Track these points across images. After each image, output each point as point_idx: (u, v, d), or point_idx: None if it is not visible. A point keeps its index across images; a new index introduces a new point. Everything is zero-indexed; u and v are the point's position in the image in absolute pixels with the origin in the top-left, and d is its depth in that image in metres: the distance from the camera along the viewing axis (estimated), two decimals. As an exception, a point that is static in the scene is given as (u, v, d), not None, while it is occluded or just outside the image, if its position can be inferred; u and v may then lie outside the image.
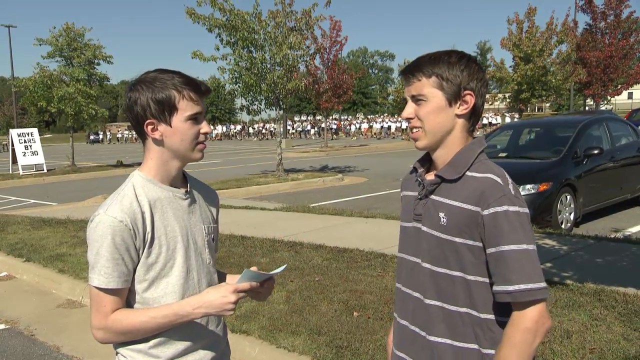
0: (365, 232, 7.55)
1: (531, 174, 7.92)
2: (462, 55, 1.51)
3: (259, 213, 9.56)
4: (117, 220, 1.51)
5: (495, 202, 1.40)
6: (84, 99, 20.03)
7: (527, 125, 10.37)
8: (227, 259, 6.25)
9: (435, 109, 1.50)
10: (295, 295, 4.91)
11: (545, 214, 7.65)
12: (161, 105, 1.56)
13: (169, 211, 1.62)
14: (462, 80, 1.48)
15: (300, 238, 7.16)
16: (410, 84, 1.53)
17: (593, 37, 26.39)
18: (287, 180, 14.70)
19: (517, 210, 1.40)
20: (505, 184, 1.44)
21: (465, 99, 1.49)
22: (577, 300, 4.47)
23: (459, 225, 1.45)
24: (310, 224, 8.29)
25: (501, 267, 1.40)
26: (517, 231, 1.39)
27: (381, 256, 6.06)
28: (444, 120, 1.50)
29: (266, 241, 7.05)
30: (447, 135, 1.52)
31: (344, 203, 11.20)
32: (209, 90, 1.64)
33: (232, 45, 13.96)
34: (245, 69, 14.04)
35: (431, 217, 1.52)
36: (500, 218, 1.39)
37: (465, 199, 1.45)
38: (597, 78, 26.54)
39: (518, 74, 23.58)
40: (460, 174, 1.48)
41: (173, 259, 1.61)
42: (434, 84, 1.49)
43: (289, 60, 14.19)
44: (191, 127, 1.59)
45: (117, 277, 1.51)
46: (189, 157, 1.63)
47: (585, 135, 8.71)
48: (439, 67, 1.49)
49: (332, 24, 25.62)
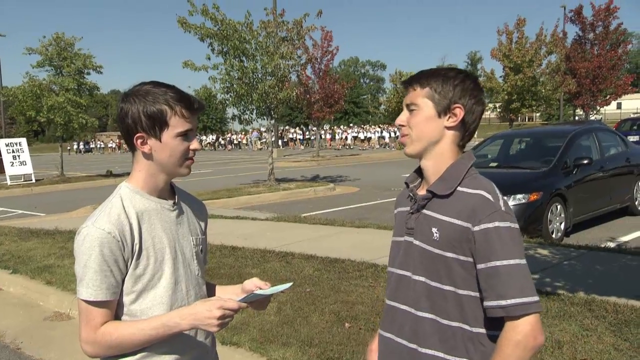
0: (357, 242, 7.54)
1: (521, 183, 7.97)
2: (460, 72, 1.57)
3: (250, 223, 9.54)
4: (105, 232, 1.50)
5: (486, 219, 1.42)
6: (73, 108, 19.93)
7: (517, 135, 10.46)
8: (217, 270, 6.21)
9: (424, 118, 1.55)
10: (286, 306, 4.89)
11: (535, 224, 7.69)
12: (152, 119, 1.56)
13: (157, 223, 1.62)
14: (453, 95, 1.53)
15: (291, 248, 7.14)
16: (408, 92, 1.60)
17: (582, 47, 26.77)
18: (278, 190, 14.68)
19: (509, 225, 1.43)
20: (496, 200, 1.46)
21: (455, 111, 1.53)
22: (568, 310, 4.49)
23: (451, 240, 1.47)
24: (302, 234, 8.28)
25: (494, 282, 1.41)
26: (509, 246, 1.40)
27: (373, 267, 6.05)
28: (432, 129, 1.55)
29: (257, 252, 7.03)
30: (434, 145, 1.56)
31: (336, 213, 11.20)
32: (202, 106, 1.64)
33: (224, 55, 13.99)
34: (237, 78, 14.05)
35: (423, 231, 1.54)
36: (491, 234, 1.41)
37: (456, 215, 1.47)
38: (586, 88, 26.88)
39: (508, 84, 23.85)
40: (452, 189, 1.51)
41: (161, 271, 1.60)
42: (427, 95, 1.55)
43: (280, 70, 14.23)
44: (181, 144, 1.59)
45: (106, 289, 1.50)
46: (176, 172, 1.63)
47: (575, 145, 8.79)
48: (434, 80, 1.55)
49: (324, 34, 25.72)
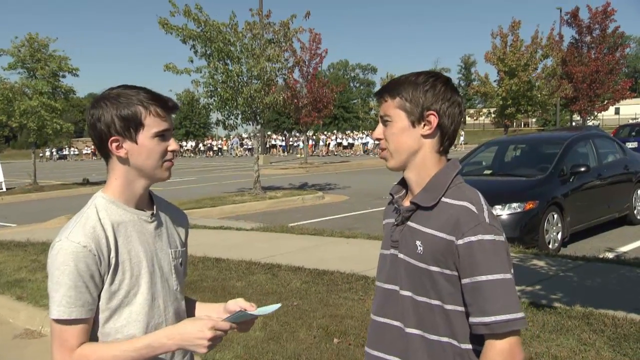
0: (347, 253, 7.55)
1: (517, 192, 8.04)
2: (431, 75, 1.56)
3: (235, 233, 9.52)
4: (81, 245, 1.48)
5: (469, 232, 1.43)
6: (48, 113, 19.76)
7: (512, 142, 10.55)
8: (200, 283, 6.18)
9: (399, 130, 1.56)
10: (272, 321, 4.87)
11: (531, 234, 7.75)
12: (126, 121, 1.55)
13: (134, 235, 1.60)
14: (424, 101, 1.53)
15: (278, 260, 7.14)
16: (380, 104, 1.60)
17: (579, 51, 27.09)
18: (264, 198, 14.66)
19: (493, 238, 1.43)
20: (480, 211, 1.46)
21: (429, 119, 1.53)
22: (565, 324, 4.52)
23: (435, 254, 1.47)
24: (289, 244, 8.28)
25: (477, 298, 1.41)
26: (492, 260, 1.41)
27: (363, 279, 6.06)
28: (408, 140, 1.55)
29: (242, 263, 7.03)
30: (413, 156, 1.56)
31: (325, 222, 11.20)
32: (177, 106, 1.65)
33: (207, 58, 13.98)
34: (221, 82, 14.03)
35: (407, 244, 1.55)
36: (474, 247, 1.41)
37: (440, 228, 1.47)
38: (583, 93, 27.18)
39: (503, 88, 24.02)
40: (436, 201, 1.51)
41: (137, 286, 1.59)
42: (398, 105, 1.55)
43: (266, 73, 14.24)
44: (158, 145, 1.59)
45: (81, 306, 1.47)
46: (156, 175, 1.62)
47: (571, 152, 8.89)
48: (404, 88, 1.55)
49: (312, 36, 25.81)
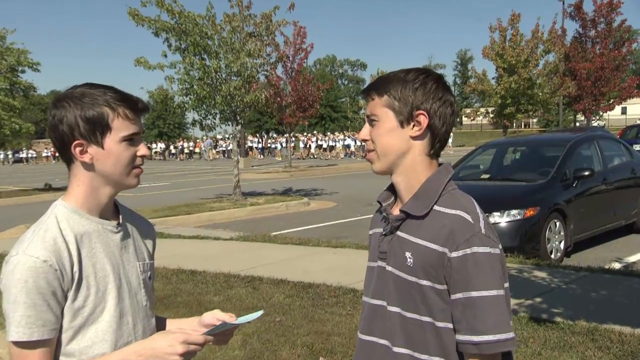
0: (334, 264, 7.58)
1: (516, 198, 8.11)
2: (421, 73, 1.57)
3: (212, 243, 9.52)
4: (40, 260, 1.46)
5: (464, 244, 1.43)
6: (5, 111, 19.58)
7: (511, 144, 10.65)
8: (173, 298, 6.15)
9: (386, 130, 1.56)
10: (253, 339, 4.86)
11: (532, 243, 7.82)
12: (92, 124, 1.54)
13: (99, 247, 1.59)
14: (414, 100, 1.54)
15: (259, 272, 7.14)
16: (367, 103, 1.61)
17: (583, 46, 27.38)
18: (245, 205, 14.66)
19: (488, 251, 1.44)
20: (475, 221, 1.47)
21: (418, 119, 1.54)
22: (568, 340, 4.56)
23: (426, 266, 1.48)
24: (271, 255, 8.29)
25: (467, 315, 1.42)
26: (487, 275, 1.42)
27: (351, 292, 6.07)
28: (396, 141, 1.55)
29: (220, 276, 7.02)
30: (401, 158, 1.56)
31: (310, 231, 11.20)
32: (147, 108, 1.64)
33: (182, 52, 13.94)
34: (197, 78, 14.00)
35: (396, 255, 1.55)
36: (468, 261, 1.42)
37: (432, 238, 1.48)
38: (587, 91, 27.46)
39: (501, 86, 24.23)
40: (428, 209, 1.52)
41: (104, 302, 1.57)
42: (386, 104, 1.56)
43: (247, 70, 14.23)
44: (127, 150, 1.58)
45: (42, 326, 1.45)
46: (124, 183, 1.61)
47: (575, 155, 8.99)
48: (392, 86, 1.55)
49: (296, 30, 25.88)
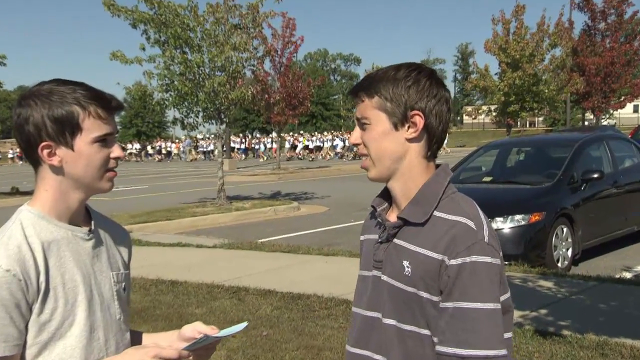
0: (325, 273, 7.59)
1: (521, 202, 8.15)
2: (413, 69, 1.55)
3: (195, 251, 9.51)
4: (3, 269, 1.45)
5: (465, 251, 1.43)
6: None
7: (515, 144, 10.70)
8: (152, 310, 6.14)
9: (379, 134, 1.54)
10: (238, 355, 4.85)
11: (537, 250, 7.85)
12: (60, 124, 1.53)
13: (68, 255, 1.58)
14: (407, 100, 1.52)
15: (245, 282, 7.14)
16: (356, 105, 1.59)
17: (592, 40, 27.51)
18: (230, 210, 14.63)
19: (488, 261, 1.43)
20: (479, 227, 1.47)
21: (414, 120, 1.52)
22: (576, 355, 4.58)
23: (425, 276, 1.47)
24: (258, 264, 8.29)
25: (455, 325, 1.41)
26: (484, 287, 1.41)
27: (344, 303, 6.08)
28: (391, 146, 1.54)
29: (203, 286, 7.02)
30: (398, 163, 1.55)
31: (300, 238, 11.20)
32: (121, 106, 1.63)
33: (162, 45, 13.91)
34: (179, 74, 13.98)
35: (393, 264, 1.54)
36: (465, 270, 1.41)
37: (433, 246, 1.47)
38: (596, 88, 27.60)
39: (505, 82, 24.34)
40: (428, 215, 1.51)
41: (73, 315, 1.56)
42: (377, 105, 1.54)
43: (232, 64, 14.22)
44: (99, 151, 1.57)
45: (3, 342, 1.44)
46: (96, 187, 1.61)
47: (583, 156, 9.04)
48: (382, 85, 1.53)
49: (285, 22, 25.87)
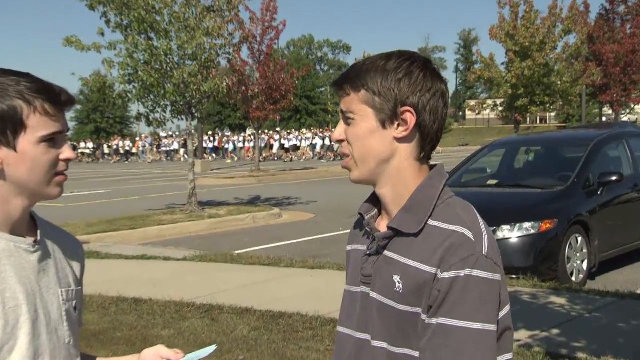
0: (311, 288, 7.61)
1: (530, 208, 8.19)
2: (405, 58, 1.54)
3: (162, 265, 9.49)
4: None
5: (459, 264, 1.42)
6: None
7: (524, 143, 10.75)
8: (112, 333, 6.11)
9: (365, 132, 1.54)
10: (210, 382, 4.83)
11: (549, 263, 7.89)
12: (1, 121, 1.51)
13: (9, 270, 1.56)
14: (398, 94, 1.51)
15: (219, 299, 7.14)
16: (341, 98, 1.58)
17: (610, 25, 27.80)
18: (202, 217, 14.64)
19: (485, 276, 1.43)
20: (478, 237, 1.47)
21: (404, 117, 1.52)
22: (592, 378, 4.60)
23: (418, 293, 1.47)
24: (234, 278, 8.30)
25: (438, 344, 1.41)
26: (475, 304, 1.41)
27: (331, 322, 6.07)
28: (378, 145, 1.53)
29: (170, 305, 7.00)
30: (384, 165, 1.55)
31: (282, 248, 11.21)
32: (72, 100, 1.62)
33: (124, 30, 13.87)
34: (143, 62, 13.95)
35: (383, 280, 1.54)
36: (458, 284, 1.41)
37: (426, 259, 1.46)
38: (615, 80, 27.88)
39: (513, 73, 24.48)
40: (422, 225, 1.50)
41: (14, 339, 1.54)
42: (364, 99, 1.53)
43: (204, 52, 14.22)
44: (46, 152, 1.56)
45: None
46: (42, 193, 1.59)
47: (600, 156, 9.11)
48: (370, 78, 1.52)
49: (265, 4, 25.94)
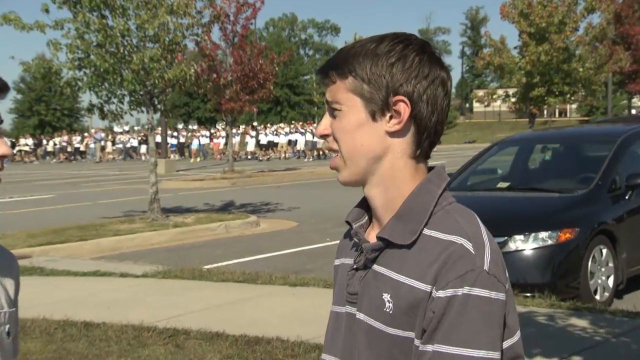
0: (292, 309, 7.62)
1: (547, 215, 8.22)
2: (399, 41, 1.53)
3: (118, 283, 9.45)
4: None
5: (457, 281, 1.42)
6: None
7: (540, 140, 10.80)
8: (59, 362, 6.07)
9: (353, 124, 1.53)
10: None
11: (569, 278, 7.93)
12: None
13: None
14: (389, 81, 1.50)
15: (185, 322, 7.12)
16: (326, 87, 1.57)
17: None
18: (166, 226, 14.64)
19: (486, 295, 1.42)
20: (478, 250, 1.46)
21: (397, 108, 1.50)
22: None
23: (411, 314, 1.46)
24: (204, 298, 8.29)
25: None
26: (475, 327, 1.40)
27: (316, 349, 6.09)
28: (368, 140, 1.53)
29: (128, 329, 6.97)
30: (375, 163, 1.54)
31: (260, 262, 11.22)
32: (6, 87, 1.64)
33: (73, 6, 13.83)
34: (96, 45, 13.91)
35: (371, 298, 1.54)
36: (456, 305, 1.41)
37: (421, 275, 1.46)
38: (646, 66, 28.06)
39: (527, 59, 24.55)
40: (416, 235, 1.50)
41: None
42: (351, 88, 1.53)
43: (168, 33, 14.23)
44: None
45: None
46: None
47: (627, 155, 9.14)
48: (358, 62, 1.52)
49: (240, -23, 25.91)
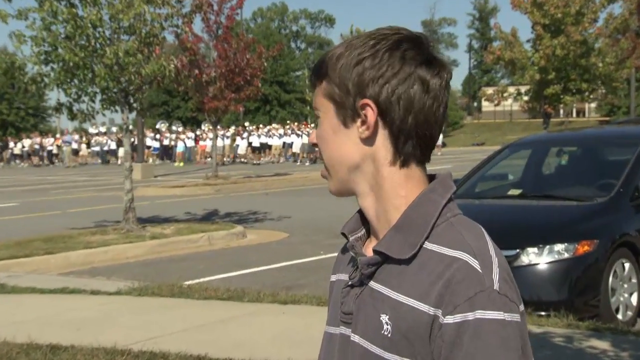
0: (282, 329, 7.63)
1: (563, 225, 8.25)
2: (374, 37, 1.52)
3: (88, 301, 9.46)
4: None
5: (465, 305, 1.41)
6: None
7: (556, 142, 10.82)
8: (24, 389, 6.06)
9: (328, 132, 1.57)
10: None
11: (588, 295, 7.94)
12: None
13: None
14: (355, 82, 1.51)
15: (163, 345, 7.13)
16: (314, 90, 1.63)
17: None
18: (142, 238, 14.64)
19: (501, 318, 1.42)
20: (485, 268, 1.46)
21: (365, 112, 1.51)
22: None
23: (410, 336, 1.47)
24: (184, 318, 8.30)
25: None
26: (493, 355, 1.40)
27: (309, 375, 6.08)
28: (343, 148, 1.56)
29: (99, 353, 6.97)
30: (354, 173, 1.57)
31: (247, 278, 11.24)
32: None
33: (40, -6, 13.84)
34: (64, 37, 13.90)
35: (367, 319, 1.54)
36: (468, 332, 1.40)
37: (422, 294, 1.46)
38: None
39: (541, 53, 24.57)
40: (415, 248, 1.50)
41: None
42: (325, 92, 1.57)
43: (145, 25, 14.23)
44: None
45: None
46: None
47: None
48: (332, 63, 1.55)
49: (224, -37, 25.97)
